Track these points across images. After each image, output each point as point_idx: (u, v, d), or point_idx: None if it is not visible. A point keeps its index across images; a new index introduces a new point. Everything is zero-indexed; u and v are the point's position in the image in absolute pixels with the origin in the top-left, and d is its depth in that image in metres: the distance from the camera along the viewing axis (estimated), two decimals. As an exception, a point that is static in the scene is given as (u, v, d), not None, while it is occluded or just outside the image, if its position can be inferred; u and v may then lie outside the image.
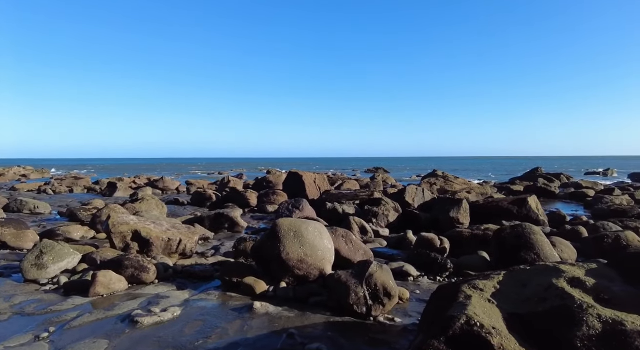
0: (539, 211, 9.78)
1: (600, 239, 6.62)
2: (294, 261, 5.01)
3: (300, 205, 10.01)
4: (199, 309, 4.49)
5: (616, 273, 2.85)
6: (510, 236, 6.06)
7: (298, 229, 5.23)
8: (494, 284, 2.85)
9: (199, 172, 51.94)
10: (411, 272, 5.93)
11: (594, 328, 2.24)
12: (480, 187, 17.35)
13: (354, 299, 4.36)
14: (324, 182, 15.47)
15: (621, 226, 8.20)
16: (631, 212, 10.49)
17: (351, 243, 6.26)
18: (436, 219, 9.58)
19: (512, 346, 2.28)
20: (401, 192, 12.36)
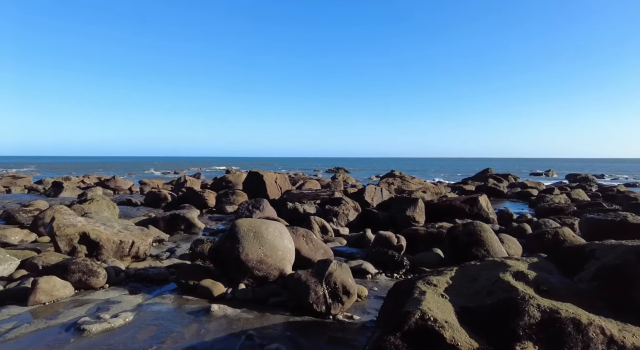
0: (489, 210, 10.35)
1: (542, 235, 7.13)
2: (254, 262, 4.95)
3: (260, 205, 9.90)
4: (154, 314, 4.31)
5: (554, 266, 3.09)
6: (463, 234, 6.36)
7: (258, 230, 5.17)
8: (446, 280, 2.98)
9: (154, 172, 49.83)
10: (370, 270, 6.06)
11: (534, 317, 2.41)
12: (435, 187, 18.07)
13: (314, 298, 4.38)
14: (285, 182, 15.40)
15: (559, 223, 8.89)
16: (568, 210, 11.40)
17: (312, 243, 6.29)
18: (394, 217, 9.86)
19: (463, 338, 2.40)
20: (361, 192, 12.60)
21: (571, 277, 2.95)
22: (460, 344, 2.34)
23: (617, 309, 2.55)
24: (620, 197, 14.98)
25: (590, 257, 2.94)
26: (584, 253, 3.02)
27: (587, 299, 2.65)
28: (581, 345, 2.28)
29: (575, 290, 2.75)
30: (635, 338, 2.28)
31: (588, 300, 2.65)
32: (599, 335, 2.29)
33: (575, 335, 2.31)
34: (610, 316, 2.47)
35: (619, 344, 2.26)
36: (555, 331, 2.35)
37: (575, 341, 2.30)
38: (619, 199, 14.40)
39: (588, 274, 2.84)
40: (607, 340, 2.28)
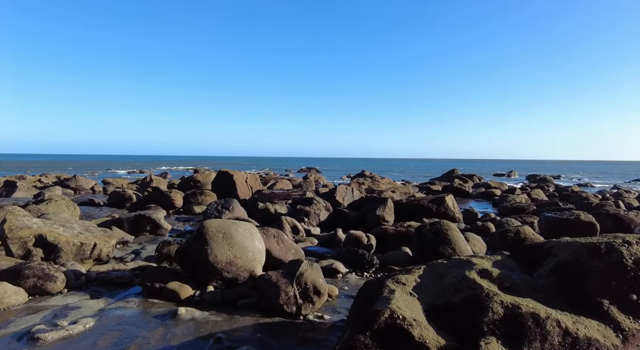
0: (455, 209, 10.69)
1: (504, 233, 7.44)
2: (223, 264, 4.86)
3: (230, 205, 9.73)
4: (117, 319, 4.14)
5: (516, 263, 3.23)
6: (430, 233, 6.53)
7: (227, 230, 5.08)
8: (414, 278, 3.04)
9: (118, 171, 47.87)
10: (340, 269, 6.10)
11: (497, 313, 2.50)
12: (404, 187, 18.46)
13: (284, 299, 4.35)
14: (256, 182, 15.23)
15: (520, 222, 9.31)
16: (528, 209, 11.97)
17: (283, 243, 6.25)
18: (364, 217, 9.97)
19: (430, 336, 2.45)
20: (332, 192, 12.66)
21: (531, 274, 3.09)
22: (428, 342, 2.40)
23: (572, 302, 2.70)
24: (574, 196, 15.94)
25: (548, 255, 3.10)
26: (543, 250, 3.17)
27: (545, 294, 2.79)
28: (540, 338, 2.40)
29: (534, 286, 2.89)
30: (587, 329, 2.42)
31: (546, 295, 2.78)
32: (555, 328, 2.41)
33: (535, 329, 2.42)
34: (565, 310, 2.60)
35: (573, 335, 2.39)
36: (517, 326, 2.45)
37: (534, 334, 2.41)
38: (573, 198, 15.31)
39: (546, 270, 2.99)
40: (563, 332, 2.40)
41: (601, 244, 2.81)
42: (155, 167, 59.68)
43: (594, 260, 2.77)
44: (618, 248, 2.74)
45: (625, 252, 2.70)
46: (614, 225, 7.96)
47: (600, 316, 2.53)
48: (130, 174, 40.07)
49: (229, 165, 64.56)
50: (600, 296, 2.62)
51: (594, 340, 2.38)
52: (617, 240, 2.81)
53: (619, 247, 2.74)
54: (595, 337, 2.39)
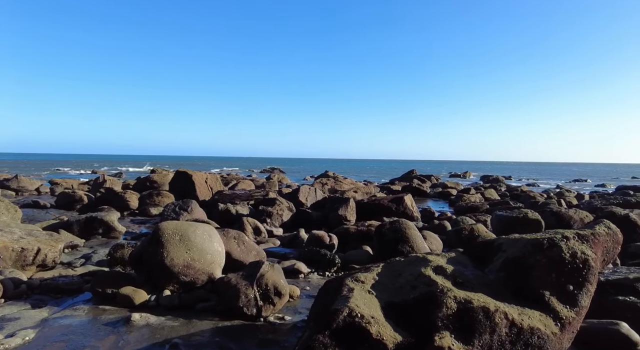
0: (414, 208, 11.03)
1: (459, 231, 7.78)
2: (180, 267, 4.69)
3: (188, 207, 9.44)
4: (62, 329, 3.87)
5: (469, 259, 3.38)
6: (390, 231, 6.69)
7: (185, 233, 4.92)
8: (373, 276, 3.10)
9: (68, 171, 44.93)
10: (302, 269, 6.10)
11: (451, 308, 2.61)
12: (366, 187, 18.81)
13: (244, 301, 4.28)
14: (216, 182, 14.87)
15: (474, 220, 9.77)
16: (482, 208, 12.60)
17: (244, 245, 6.14)
18: (327, 217, 10.04)
19: (388, 332, 2.51)
20: (295, 192, 12.64)
21: (483, 269, 3.25)
22: (385, 338, 2.45)
23: (519, 295, 2.87)
24: (523, 196, 17.00)
25: (498, 251, 3.27)
26: (493, 247, 3.35)
27: (495, 289, 2.94)
28: (489, 331, 2.53)
29: (485, 281, 3.04)
30: (530, 320, 2.59)
31: (496, 289, 2.94)
32: (503, 320, 2.56)
33: (485, 322, 2.55)
34: (512, 302, 2.76)
35: (518, 326, 2.54)
36: (469, 320, 2.57)
37: (484, 327, 2.54)
38: (522, 197, 16.32)
39: (496, 266, 3.15)
40: (509, 323, 2.55)
41: (544, 240, 3.01)
42: (114, 166, 56.50)
43: (537, 254, 2.97)
44: (558, 243, 2.94)
45: (564, 247, 2.91)
46: (556, 221, 8.55)
47: (542, 307, 2.71)
48: (82, 174, 37.77)
49: (189, 165, 62.49)
50: (543, 288, 2.80)
51: (536, 330, 2.54)
52: (557, 235, 3.02)
53: (559, 242, 2.95)
54: (538, 326, 2.56)
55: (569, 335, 2.70)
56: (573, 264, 2.84)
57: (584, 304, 2.78)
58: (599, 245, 3.00)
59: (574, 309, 2.72)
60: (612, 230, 3.14)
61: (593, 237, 3.00)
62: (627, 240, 6.96)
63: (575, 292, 2.78)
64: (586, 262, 2.84)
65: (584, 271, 2.83)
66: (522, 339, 2.55)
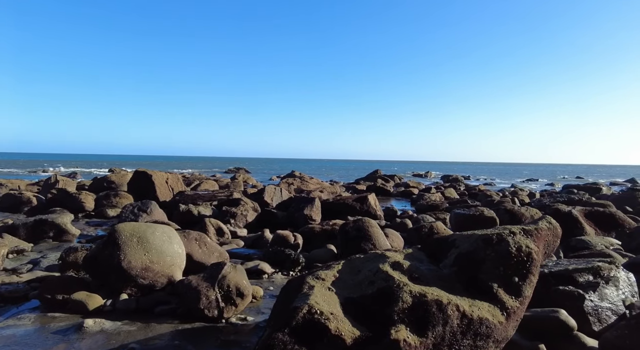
0: (377, 207, 11.28)
1: (420, 229, 8.05)
2: (138, 270, 4.55)
3: (148, 208, 9.13)
4: (4, 340, 3.64)
5: (425, 255, 3.52)
6: (353, 229, 6.82)
7: (143, 234, 4.76)
8: (334, 273, 3.17)
9: (16, 171, 41.89)
10: (266, 269, 6.08)
11: (407, 302, 2.72)
12: (332, 187, 18.98)
13: (205, 303, 4.22)
14: (178, 182, 14.45)
15: (434, 218, 10.14)
16: (441, 206, 13.09)
17: (205, 246, 6.04)
18: (292, 216, 10.05)
19: (346, 328, 2.58)
20: (260, 192, 12.54)
21: (438, 264, 3.40)
22: (343, 333, 2.52)
23: (470, 288, 3.03)
24: (480, 195, 17.83)
25: (452, 246, 3.43)
26: (448, 243, 3.51)
27: (448, 282, 3.09)
28: (442, 322, 2.66)
29: (440, 275, 3.18)
30: (479, 311, 2.75)
31: (449, 283, 3.09)
32: (455, 312, 2.70)
33: (438, 314, 2.68)
34: (464, 295, 2.92)
35: (469, 317, 2.69)
36: (423, 312, 2.69)
37: (437, 319, 2.66)
38: (479, 196, 17.12)
39: (450, 261, 3.31)
40: (461, 315, 2.70)
41: (493, 235, 3.20)
42: (68, 166, 53.11)
43: (487, 249, 3.15)
44: (506, 238, 3.14)
45: (510, 241, 3.11)
46: (509, 219, 9.04)
47: (491, 298, 2.89)
48: (31, 174, 35.35)
49: (149, 165, 60.02)
50: (491, 280, 2.98)
51: (484, 320, 2.70)
52: (505, 231, 3.23)
53: (506, 237, 3.15)
54: (486, 316, 2.72)
55: (514, 324, 2.89)
56: (518, 257, 3.05)
57: (528, 294, 2.98)
58: (541, 239, 3.23)
59: (519, 299, 2.91)
60: (552, 225, 3.39)
61: (536, 231, 3.23)
62: (569, 235, 7.51)
63: (520, 283, 2.98)
64: (530, 255, 3.06)
65: (527, 263, 3.04)
66: (472, 329, 2.70)
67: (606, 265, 4.09)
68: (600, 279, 3.98)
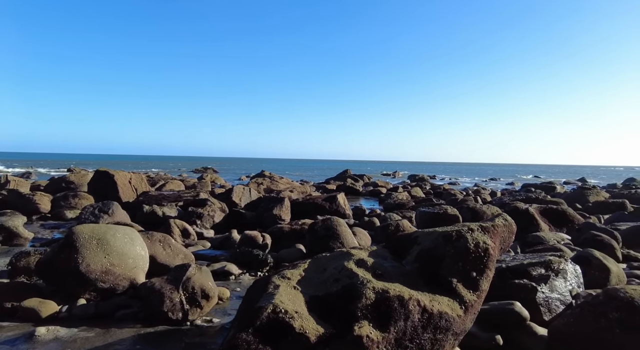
0: (346, 206, 11.41)
1: (386, 227, 8.23)
2: (98, 273, 4.37)
3: (109, 209, 8.77)
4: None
5: (389, 252, 3.61)
6: (321, 228, 6.87)
7: (103, 236, 4.58)
8: (299, 272, 3.19)
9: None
10: (233, 270, 6.01)
11: (370, 298, 2.78)
12: (302, 187, 18.99)
13: (169, 305, 4.12)
14: (142, 182, 13.97)
15: (401, 216, 10.39)
16: (408, 205, 13.43)
17: (170, 248, 5.89)
18: (261, 216, 9.97)
19: (310, 325, 2.60)
20: (228, 192, 12.35)
21: (401, 261, 3.49)
22: (308, 331, 2.54)
23: (431, 283, 3.14)
24: (445, 193, 18.44)
25: (414, 243, 3.54)
26: (410, 240, 3.61)
27: (410, 278, 3.19)
28: (403, 317, 2.74)
29: (402, 271, 3.27)
30: (439, 305, 2.85)
31: (411, 279, 3.18)
32: (416, 307, 2.79)
33: (400, 310, 2.76)
34: (425, 290, 3.02)
35: (429, 312, 2.79)
36: (385, 308, 2.76)
37: (399, 314, 2.74)
38: (444, 195, 17.70)
39: (412, 257, 3.41)
40: (422, 310, 2.79)
41: (452, 232, 3.33)
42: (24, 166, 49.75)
43: (447, 245, 3.27)
44: (464, 234, 3.28)
45: (469, 238, 3.25)
46: (471, 216, 9.41)
47: (450, 292, 3.00)
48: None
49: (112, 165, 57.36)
50: (451, 275, 3.10)
51: (444, 314, 2.81)
52: (464, 228, 3.36)
53: (465, 233, 3.28)
54: (446, 310, 2.83)
55: (472, 316, 3.02)
56: (476, 252, 3.19)
57: (485, 288, 3.13)
58: (498, 236, 3.40)
59: (476, 293, 3.05)
60: (508, 222, 3.58)
61: (493, 228, 3.39)
62: (526, 231, 7.92)
63: (478, 278, 3.12)
64: (487, 250, 3.21)
65: (484, 259, 3.19)
66: (432, 323, 2.80)
67: (556, 259, 4.35)
68: (551, 272, 4.23)
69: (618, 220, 10.13)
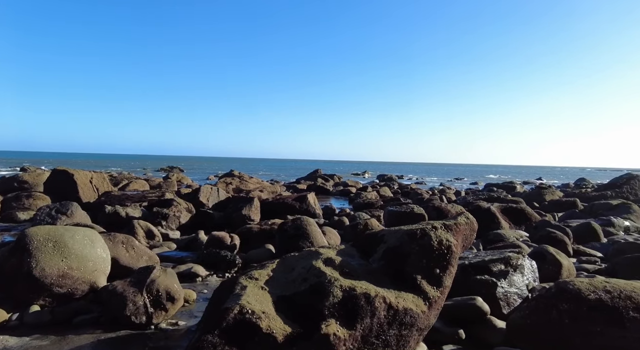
0: (316, 206, 11.44)
1: (355, 226, 8.33)
2: (54, 277, 4.15)
3: (68, 210, 8.35)
4: None
5: (357, 251, 3.67)
6: (291, 228, 6.85)
7: (60, 238, 4.36)
8: (267, 272, 3.17)
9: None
10: (200, 272, 5.88)
11: (337, 297, 2.81)
12: (272, 187, 18.85)
13: (132, 309, 3.98)
14: (104, 182, 13.38)
15: (369, 215, 10.55)
16: (376, 204, 13.66)
17: (133, 249, 5.69)
18: (230, 217, 9.82)
19: (278, 325, 2.60)
20: (195, 192, 12.06)
21: (368, 259, 3.56)
22: (275, 331, 2.54)
23: (397, 280, 3.21)
24: (412, 193, 18.91)
25: (381, 241, 3.61)
26: (377, 238, 3.68)
27: (376, 276, 3.25)
28: (370, 314, 2.79)
29: (369, 269, 3.33)
30: (405, 302, 2.93)
31: (377, 276, 3.24)
32: (382, 304, 2.84)
33: (366, 307, 2.81)
34: (391, 287, 3.09)
35: (395, 308, 2.86)
36: (352, 306, 2.80)
37: (365, 311, 2.79)
38: (411, 194, 18.15)
39: (379, 255, 3.48)
40: (387, 306, 2.85)
41: (417, 230, 3.43)
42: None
43: (412, 243, 3.36)
44: (428, 232, 3.38)
45: (433, 235, 3.35)
46: (437, 215, 9.70)
47: (415, 289, 3.09)
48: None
49: (72, 164, 54.47)
50: (416, 272, 3.19)
51: (409, 310, 2.89)
52: (428, 226, 3.47)
53: (429, 231, 3.39)
54: (410, 307, 2.91)
55: (435, 312, 3.12)
56: (440, 250, 3.30)
57: (448, 284, 3.24)
58: (460, 233, 3.53)
59: (440, 289, 3.16)
60: (470, 220, 3.72)
61: (455, 226, 3.52)
62: (488, 229, 8.27)
63: (441, 274, 3.22)
64: (449, 248, 3.32)
65: (448, 256, 3.30)
66: (398, 319, 2.87)
67: (515, 255, 4.58)
68: (510, 268, 4.44)
69: (570, 218, 10.80)
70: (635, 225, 9.69)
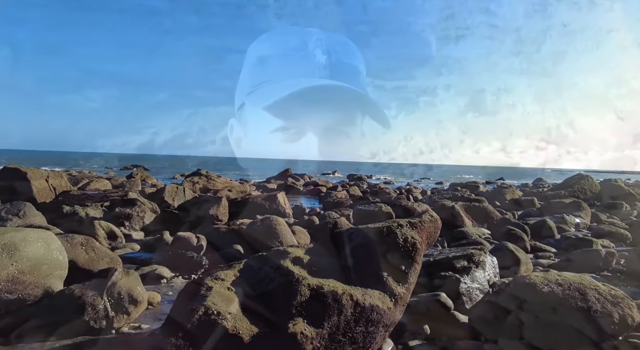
0: (286, 205, 11.41)
1: (325, 225, 8.38)
2: (2, 283, 3.89)
3: (20, 210, 7.86)
4: None
5: (325, 249, 3.68)
6: (260, 228, 6.79)
7: (10, 241, 4.09)
8: (234, 273, 3.12)
9: None
10: (165, 274, 5.72)
11: (304, 295, 2.81)
12: (241, 186, 18.58)
13: (92, 314, 3.80)
14: (62, 181, 12.69)
15: (339, 214, 10.65)
16: (346, 203, 13.81)
17: (93, 251, 5.44)
18: (197, 217, 9.61)
19: (244, 326, 2.57)
20: (160, 192, 11.71)
21: (335, 258, 3.58)
22: (241, 332, 2.50)
23: (363, 278, 3.25)
24: (381, 192, 19.26)
25: (348, 239, 3.64)
26: (345, 236, 3.71)
27: (344, 274, 3.28)
28: (337, 312, 2.81)
29: (337, 267, 3.36)
30: (371, 299, 2.98)
31: (345, 274, 3.27)
32: (349, 302, 2.88)
33: (333, 305, 2.83)
34: (358, 285, 3.12)
35: (361, 305, 2.90)
36: (320, 304, 2.81)
37: (333, 309, 2.81)
38: (380, 194, 18.48)
39: (346, 253, 3.51)
40: (354, 304, 2.89)
41: (384, 228, 3.49)
42: None
43: (378, 241, 3.42)
44: (394, 230, 3.45)
45: (399, 233, 3.43)
46: (404, 213, 9.92)
47: (381, 286, 3.15)
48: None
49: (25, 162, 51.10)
50: (382, 270, 3.25)
51: (375, 307, 2.94)
52: (394, 224, 3.54)
53: (395, 229, 3.46)
54: (377, 303, 2.96)
55: (401, 308, 3.20)
56: (405, 247, 3.37)
57: (413, 280, 3.32)
58: (425, 231, 3.62)
59: (405, 285, 3.23)
60: (434, 218, 3.83)
61: (420, 224, 3.61)
62: (452, 227, 8.57)
63: (406, 271, 3.30)
64: (414, 245, 3.41)
65: (413, 253, 3.38)
66: (364, 316, 2.91)
67: (477, 252, 4.77)
68: (472, 264, 4.62)
69: (528, 216, 11.37)
70: (584, 222, 10.36)
